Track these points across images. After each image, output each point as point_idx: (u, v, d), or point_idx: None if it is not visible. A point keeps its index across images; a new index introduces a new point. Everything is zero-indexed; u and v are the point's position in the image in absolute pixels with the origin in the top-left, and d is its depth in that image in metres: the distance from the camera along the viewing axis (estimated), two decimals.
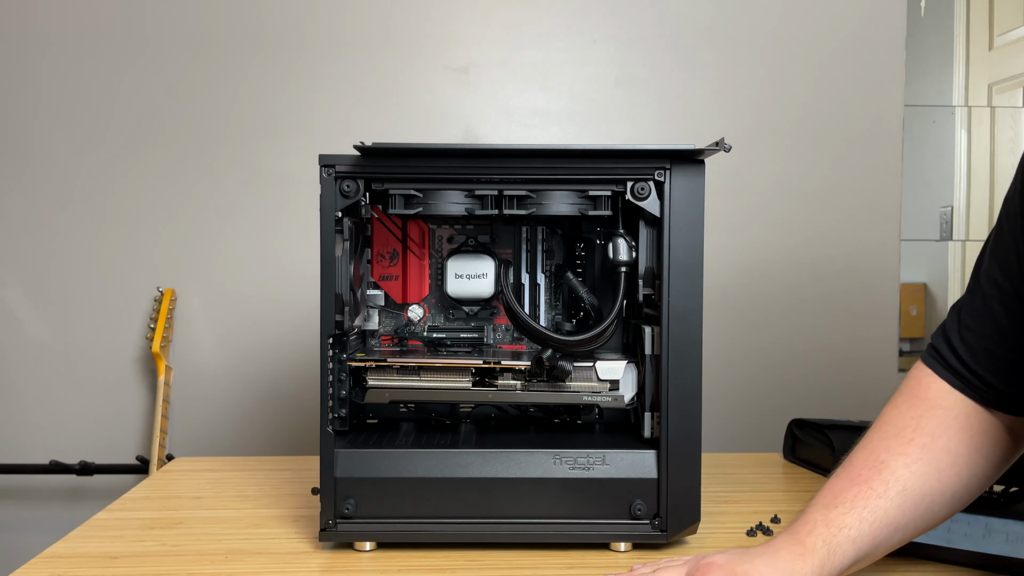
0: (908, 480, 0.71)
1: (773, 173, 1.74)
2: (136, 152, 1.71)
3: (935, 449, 0.72)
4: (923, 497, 0.71)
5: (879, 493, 0.70)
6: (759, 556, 0.69)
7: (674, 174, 0.83)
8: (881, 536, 0.70)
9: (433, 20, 1.71)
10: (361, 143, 0.81)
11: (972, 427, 0.73)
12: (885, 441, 0.73)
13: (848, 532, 0.69)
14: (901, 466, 0.71)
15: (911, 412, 0.74)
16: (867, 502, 0.70)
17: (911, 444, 0.72)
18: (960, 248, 1.83)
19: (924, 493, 0.71)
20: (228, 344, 1.73)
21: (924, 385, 0.76)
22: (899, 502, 0.70)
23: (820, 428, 1.16)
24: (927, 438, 0.73)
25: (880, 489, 0.71)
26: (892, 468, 0.71)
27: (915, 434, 0.73)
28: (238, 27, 1.70)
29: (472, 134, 1.72)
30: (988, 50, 1.83)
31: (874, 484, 0.71)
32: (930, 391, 0.75)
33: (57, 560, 0.83)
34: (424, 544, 0.86)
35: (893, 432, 0.74)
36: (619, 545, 0.85)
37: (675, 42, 1.73)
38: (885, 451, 0.73)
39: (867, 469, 0.72)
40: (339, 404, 0.87)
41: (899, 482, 0.71)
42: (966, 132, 1.82)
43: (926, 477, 0.71)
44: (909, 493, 0.71)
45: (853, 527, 0.69)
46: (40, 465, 1.69)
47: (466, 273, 0.94)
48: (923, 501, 0.71)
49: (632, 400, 0.90)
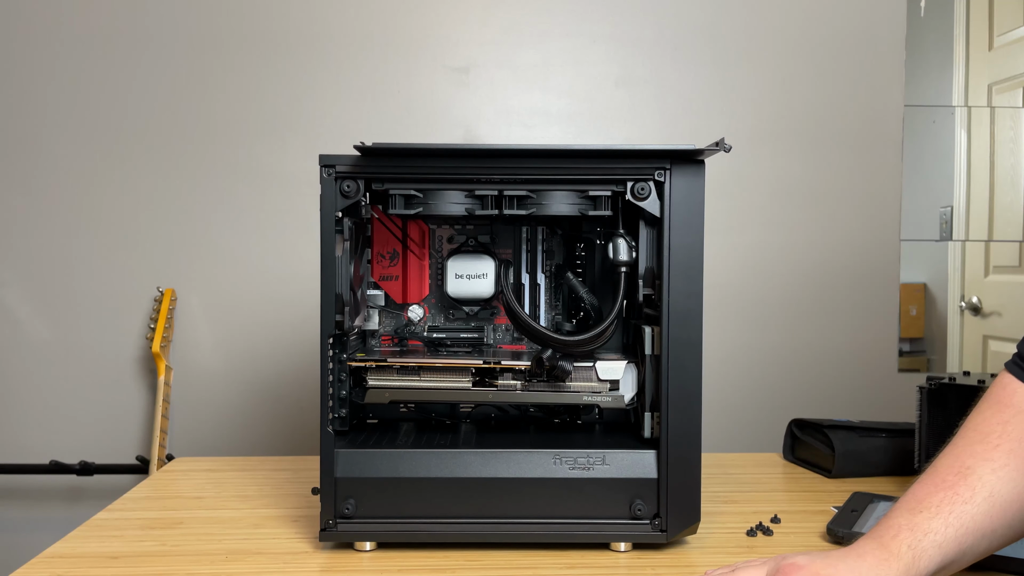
0: (995, 485, 0.69)
1: (773, 173, 1.74)
2: (136, 152, 1.71)
3: (1022, 455, 0.70)
4: (1011, 503, 0.69)
5: (965, 499, 0.69)
6: (843, 559, 0.68)
7: (674, 174, 0.83)
8: (967, 543, 0.69)
9: (433, 20, 1.72)
10: (361, 143, 0.81)
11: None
12: (971, 447, 0.72)
13: (934, 537, 0.68)
14: (988, 471, 0.70)
15: (996, 418, 0.73)
16: (953, 507, 0.69)
17: (997, 449, 0.71)
18: (960, 248, 1.83)
19: (1012, 499, 0.69)
20: (228, 344, 1.73)
21: (1010, 391, 0.74)
22: (986, 508, 0.69)
23: (820, 428, 1.16)
24: (1014, 443, 0.71)
25: (966, 495, 0.69)
26: (979, 474, 0.70)
27: (1001, 439, 0.71)
28: (238, 27, 1.70)
29: (472, 134, 1.72)
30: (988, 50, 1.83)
31: (960, 490, 0.69)
32: (1015, 396, 0.73)
33: (57, 560, 0.83)
34: (424, 544, 0.86)
35: (979, 438, 0.72)
36: (619, 545, 0.85)
37: (675, 42, 1.73)
38: (971, 456, 0.71)
39: (952, 475, 0.70)
40: (339, 404, 0.87)
41: (986, 487, 0.69)
42: (966, 132, 1.82)
43: (1014, 483, 0.70)
44: (996, 499, 0.69)
45: (939, 532, 0.68)
46: (40, 465, 1.69)
47: (466, 273, 0.94)
48: (1011, 507, 0.70)
49: (632, 400, 0.90)
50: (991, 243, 1.83)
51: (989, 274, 1.84)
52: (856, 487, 1.04)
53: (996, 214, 1.83)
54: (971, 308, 1.84)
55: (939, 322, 1.83)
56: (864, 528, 0.86)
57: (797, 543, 0.88)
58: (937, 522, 0.68)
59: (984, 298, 1.84)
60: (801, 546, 0.87)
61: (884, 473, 1.12)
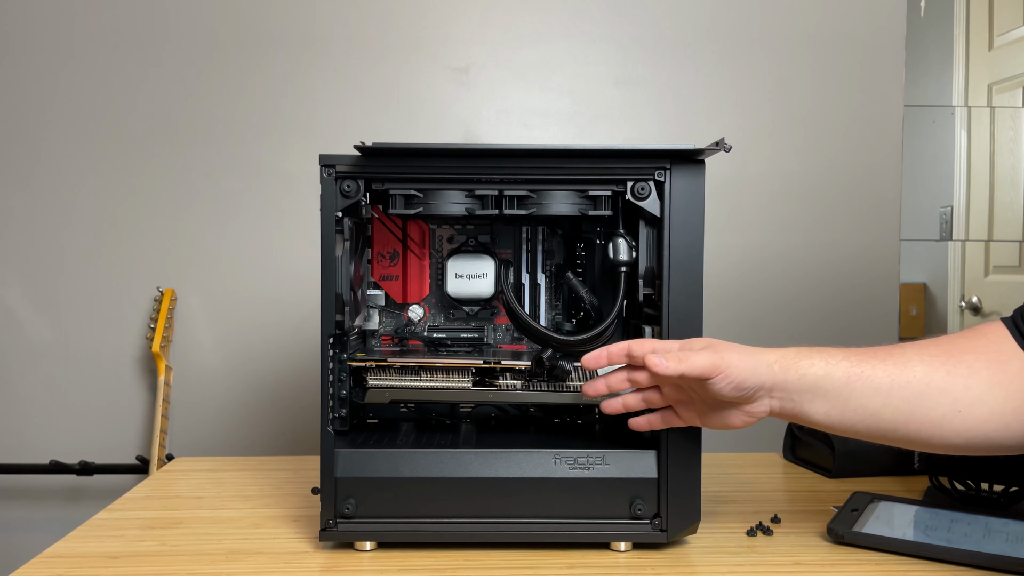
0: (913, 360, 0.70)
1: (773, 173, 1.74)
2: (136, 152, 1.71)
3: (957, 356, 0.71)
4: (920, 382, 0.70)
5: (877, 357, 0.71)
6: None
7: (674, 174, 0.83)
8: (857, 385, 0.70)
9: (433, 20, 1.72)
10: (361, 143, 0.81)
11: (1009, 366, 0.71)
12: (919, 344, 0.73)
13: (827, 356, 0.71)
14: (914, 353, 0.71)
15: (958, 335, 0.74)
16: (861, 354, 0.71)
17: (936, 346, 0.72)
18: (960, 248, 1.83)
19: (923, 380, 0.70)
20: (228, 344, 1.73)
21: (991, 327, 0.74)
22: (892, 371, 0.70)
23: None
24: (954, 348, 0.72)
25: (881, 355, 0.71)
26: (904, 349, 0.72)
27: (948, 344, 0.72)
28: (238, 27, 1.70)
29: (472, 134, 1.72)
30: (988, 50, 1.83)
31: (878, 352, 0.71)
32: (988, 328, 0.74)
33: (57, 560, 0.83)
34: (424, 544, 0.86)
35: (932, 342, 0.74)
36: (619, 545, 0.85)
37: (675, 42, 1.73)
38: (912, 347, 0.73)
39: (882, 350, 0.73)
40: (339, 404, 0.87)
41: (903, 357, 0.70)
42: (966, 132, 1.82)
43: (933, 369, 0.70)
44: (907, 370, 0.70)
45: (835, 356, 0.71)
46: (40, 465, 1.69)
47: (466, 273, 0.94)
48: (918, 386, 0.70)
49: None
50: (991, 243, 1.83)
51: (989, 274, 1.84)
52: (856, 487, 1.04)
53: (996, 214, 1.83)
54: (971, 308, 1.84)
55: (939, 322, 1.83)
56: (865, 528, 0.87)
57: (797, 543, 0.88)
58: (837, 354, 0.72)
59: (984, 298, 1.84)
60: (801, 546, 0.87)
61: (884, 473, 1.12)
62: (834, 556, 0.83)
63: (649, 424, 0.83)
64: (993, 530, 0.84)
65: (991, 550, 0.79)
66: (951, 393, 0.70)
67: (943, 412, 0.70)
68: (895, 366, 0.71)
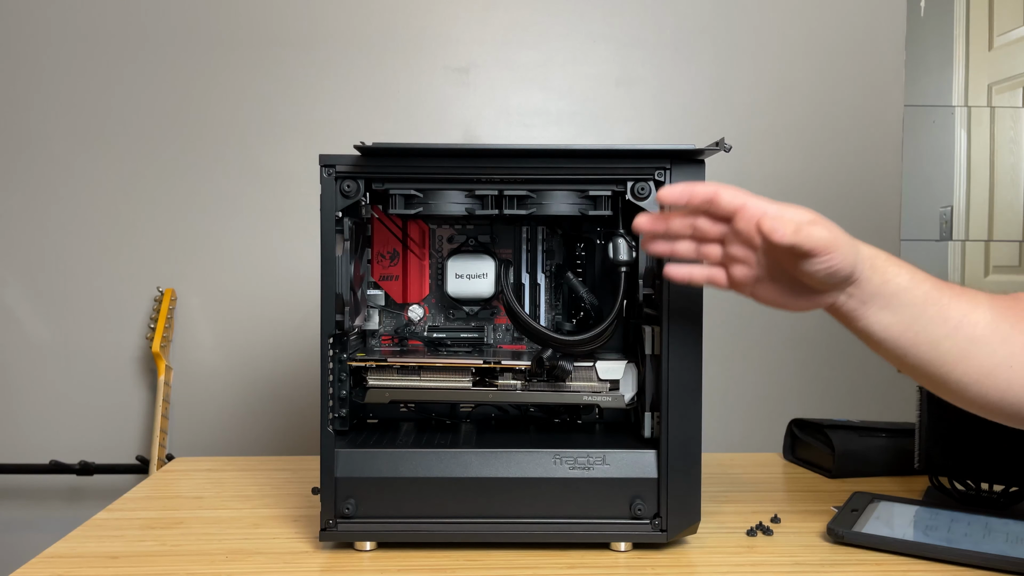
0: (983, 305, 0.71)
1: (773, 173, 1.74)
2: (136, 152, 1.71)
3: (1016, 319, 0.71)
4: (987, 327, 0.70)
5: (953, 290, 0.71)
6: None
7: (674, 174, 0.83)
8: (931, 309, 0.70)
9: (433, 20, 1.72)
10: (361, 143, 0.81)
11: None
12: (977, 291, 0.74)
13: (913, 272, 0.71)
14: (985, 299, 0.72)
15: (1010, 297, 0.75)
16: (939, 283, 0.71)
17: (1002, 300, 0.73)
18: (960, 248, 1.83)
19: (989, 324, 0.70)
20: (228, 344, 1.73)
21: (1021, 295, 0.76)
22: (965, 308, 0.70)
23: (820, 428, 1.16)
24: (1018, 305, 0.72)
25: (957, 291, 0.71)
26: (976, 293, 0.72)
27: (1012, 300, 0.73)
28: (238, 27, 1.70)
29: (472, 134, 1.72)
30: (988, 50, 1.83)
31: (953, 286, 0.72)
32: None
33: (57, 560, 0.83)
34: (424, 544, 0.86)
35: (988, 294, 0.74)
36: (619, 545, 0.85)
37: (675, 42, 1.73)
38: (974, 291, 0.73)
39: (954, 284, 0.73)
40: (339, 404, 0.87)
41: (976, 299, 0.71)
42: (966, 132, 1.82)
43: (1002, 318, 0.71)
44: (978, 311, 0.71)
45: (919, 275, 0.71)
46: (40, 465, 1.69)
47: (466, 273, 0.94)
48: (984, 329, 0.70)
49: (632, 400, 0.90)
50: (991, 243, 1.83)
51: (989, 274, 1.84)
52: (856, 487, 1.04)
53: (996, 214, 1.83)
54: None
55: None
56: (865, 528, 0.87)
57: (797, 543, 0.88)
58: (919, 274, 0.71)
59: None
60: (801, 546, 0.87)
61: (884, 473, 1.12)
62: (834, 556, 0.83)
63: (689, 276, 0.76)
64: (993, 530, 0.84)
65: (991, 550, 0.79)
66: (1010, 346, 0.70)
67: (997, 361, 0.70)
68: (968, 303, 0.71)
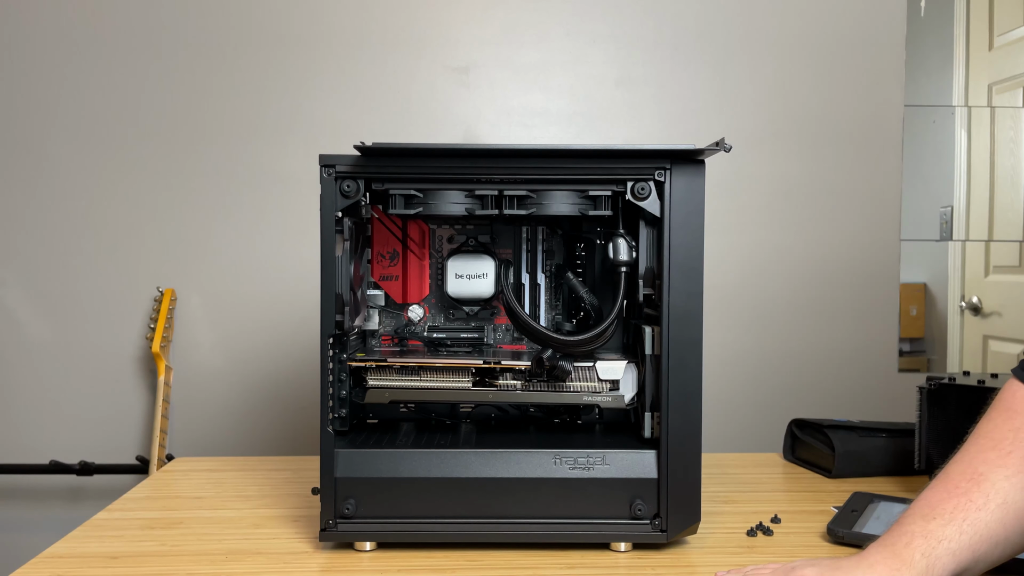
0: (1008, 492, 0.69)
1: (773, 173, 1.74)
2: (136, 152, 1.71)
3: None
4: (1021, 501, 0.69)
5: (979, 505, 0.68)
6: (853, 569, 0.67)
7: (674, 174, 0.83)
8: (981, 550, 0.68)
9: (433, 20, 1.72)
10: (361, 143, 0.81)
11: None
12: (983, 454, 0.71)
13: (948, 545, 0.67)
14: (1001, 478, 0.69)
15: (1008, 425, 0.73)
16: (967, 514, 0.68)
17: (1010, 456, 0.70)
18: (960, 248, 1.83)
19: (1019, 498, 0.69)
20: (228, 344, 1.73)
21: (1020, 398, 0.74)
22: (999, 515, 0.68)
23: (820, 428, 1.16)
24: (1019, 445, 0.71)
25: (980, 501, 0.68)
26: (992, 480, 0.69)
27: (1013, 446, 0.71)
28: (238, 27, 1.70)
29: (472, 134, 1.72)
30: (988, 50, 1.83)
31: (973, 496, 0.69)
32: (1014, 400, 0.73)
33: (57, 560, 0.83)
34: (424, 544, 0.86)
35: (990, 445, 0.72)
36: (619, 545, 0.85)
37: (675, 42, 1.73)
38: (983, 463, 0.71)
39: (965, 481, 0.70)
40: (339, 404, 0.87)
41: (999, 494, 0.69)
42: (966, 132, 1.82)
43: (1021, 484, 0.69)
44: (1010, 506, 0.69)
45: (953, 540, 0.67)
46: (40, 465, 1.69)
47: (466, 273, 0.94)
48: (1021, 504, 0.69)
49: (632, 400, 0.90)
50: (991, 243, 1.83)
51: (989, 274, 1.84)
52: (856, 487, 1.04)
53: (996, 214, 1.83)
54: (971, 308, 1.84)
55: (939, 322, 1.83)
56: (864, 528, 0.87)
57: (797, 543, 0.88)
58: (951, 529, 0.67)
59: (984, 298, 1.84)
60: (801, 546, 0.87)
61: (884, 473, 1.13)
62: (834, 556, 0.83)
63: None
64: None
65: None
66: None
67: None
68: (999, 508, 0.69)
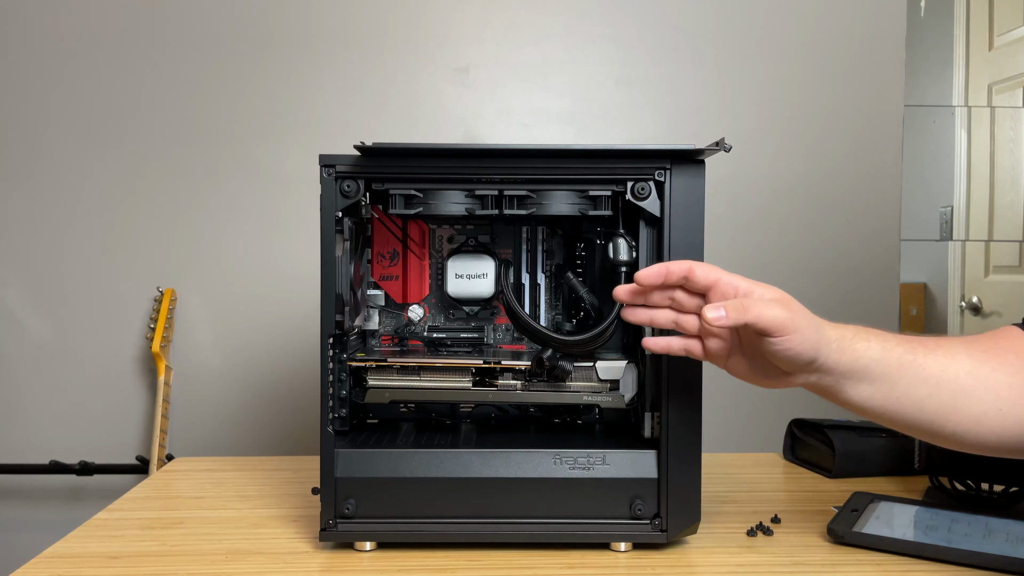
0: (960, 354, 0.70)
1: (773, 173, 1.74)
2: (136, 152, 1.71)
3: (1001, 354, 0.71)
4: (967, 376, 0.69)
5: (927, 346, 0.70)
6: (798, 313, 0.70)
7: (674, 174, 0.83)
8: (908, 372, 0.69)
9: (433, 20, 1.72)
10: (361, 143, 0.81)
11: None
12: (958, 340, 0.73)
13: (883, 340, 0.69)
14: (962, 347, 0.71)
15: (985, 337, 0.74)
16: (912, 342, 0.70)
17: (978, 343, 0.72)
18: (960, 248, 1.83)
19: (970, 373, 0.69)
20: (228, 344, 1.73)
21: (1005, 331, 0.75)
22: (942, 362, 0.69)
23: (820, 428, 1.16)
24: (996, 346, 0.72)
25: (931, 345, 0.70)
26: (951, 342, 0.71)
27: (990, 341, 0.72)
28: (238, 27, 1.70)
29: (472, 134, 1.72)
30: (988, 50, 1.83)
31: (926, 341, 0.71)
32: (1008, 333, 0.74)
33: (57, 560, 0.83)
34: (424, 544, 0.86)
35: (968, 339, 0.74)
36: (619, 545, 0.85)
37: (675, 42, 1.73)
38: (956, 341, 0.72)
39: (929, 339, 0.72)
40: (339, 404, 0.87)
41: (952, 349, 0.70)
42: (966, 132, 1.82)
43: (980, 364, 0.70)
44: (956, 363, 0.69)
45: (890, 340, 0.69)
46: (40, 465, 1.69)
47: (466, 273, 0.94)
48: (966, 379, 0.69)
49: (632, 400, 0.90)
50: (991, 243, 1.83)
51: (989, 274, 1.84)
52: (856, 487, 1.04)
53: (996, 214, 1.83)
54: (971, 308, 1.84)
55: (939, 322, 1.83)
56: (865, 528, 0.87)
57: (797, 543, 0.88)
58: (891, 339, 0.70)
59: (984, 298, 1.84)
60: (801, 546, 0.87)
61: (884, 473, 1.12)
62: (834, 556, 0.83)
63: (667, 347, 0.75)
64: (993, 530, 0.84)
65: (991, 550, 0.79)
66: (995, 390, 0.69)
67: (985, 408, 0.69)
68: (944, 357, 0.70)
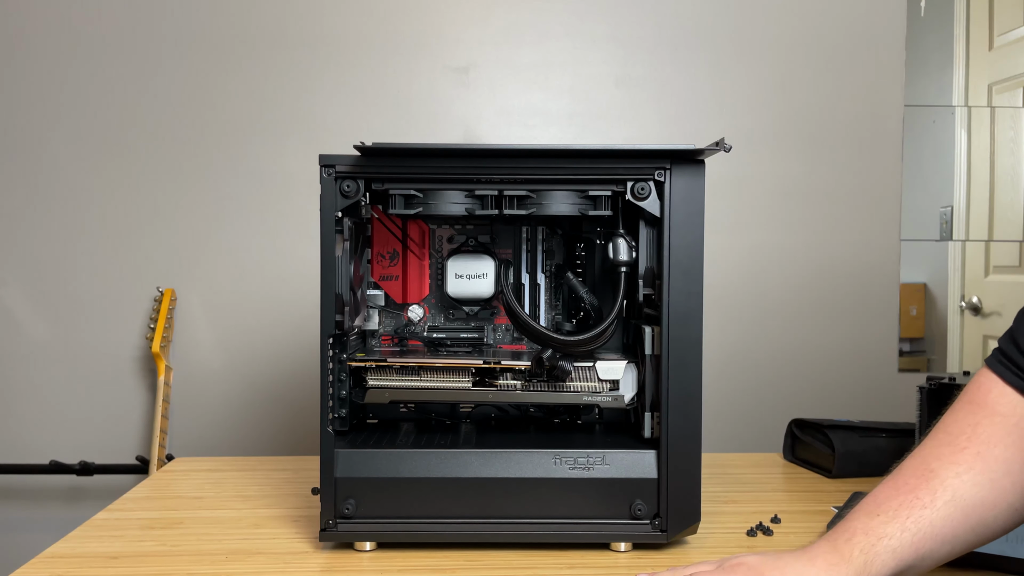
0: (958, 489, 0.67)
1: (773, 173, 1.74)
2: (136, 152, 1.71)
3: (989, 458, 0.68)
4: (975, 508, 0.68)
5: (925, 503, 0.67)
6: (794, 562, 0.67)
7: (674, 174, 0.83)
8: (925, 548, 0.67)
9: (433, 20, 1.72)
10: (361, 143, 0.81)
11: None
12: (937, 449, 0.70)
13: (888, 542, 0.66)
14: (952, 475, 0.68)
15: (968, 419, 0.71)
16: (911, 512, 0.67)
17: (963, 452, 0.69)
18: (960, 248, 1.83)
19: (975, 504, 0.68)
20: (228, 344, 1.73)
21: (984, 390, 0.72)
22: (946, 512, 0.67)
23: (820, 428, 1.16)
24: (982, 446, 0.69)
25: (927, 499, 0.67)
26: (941, 477, 0.68)
27: (969, 442, 0.69)
28: (238, 27, 1.70)
29: (472, 134, 1.72)
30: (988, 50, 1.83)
31: (920, 494, 0.68)
32: (990, 396, 0.71)
33: (57, 560, 0.83)
34: (424, 544, 0.86)
35: (947, 440, 0.70)
36: (619, 545, 0.85)
37: (675, 42, 1.73)
38: (936, 459, 0.69)
39: (915, 478, 0.69)
40: (339, 404, 0.87)
41: (948, 491, 0.67)
42: (966, 132, 1.82)
43: (978, 487, 0.68)
44: (959, 503, 0.67)
45: (894, 537, 0.66)
46: (40, 465, 1.69)
47: (466, 273, 0.94)
48: (975, 512, 0.68)
49: (632, 400, 0.90)
50: (991, 243, 1.83)
51: (989, 274, 1.84)
52: (856, 487, 1.04)
53: (996, 214, 1.83)
54: (971, 308, 1.84)
55: (939, 322, 1.83)
56: None
57: (797, 543, 0.87)
58: (893, 527, 0.67)
59: (984, 298, 1.83)
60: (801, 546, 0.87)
61: (884, 473, 1.12)
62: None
63: None
64: None
65: (991, 550, 0.79)
66: (1006, 499, 0.69)
67: (1006, 517, 0.69)
68: (947, 505, 0.68)
